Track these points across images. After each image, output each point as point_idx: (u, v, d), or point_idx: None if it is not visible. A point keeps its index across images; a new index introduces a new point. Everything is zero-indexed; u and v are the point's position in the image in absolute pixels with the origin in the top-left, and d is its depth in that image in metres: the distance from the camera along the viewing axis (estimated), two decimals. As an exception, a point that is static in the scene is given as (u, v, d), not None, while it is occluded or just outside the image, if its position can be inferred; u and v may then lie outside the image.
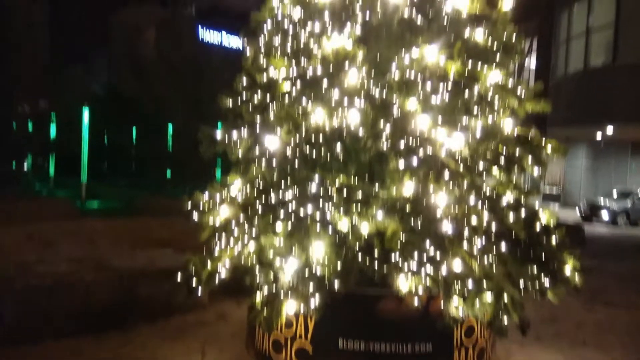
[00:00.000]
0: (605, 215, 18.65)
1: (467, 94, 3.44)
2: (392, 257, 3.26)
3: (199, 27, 32.70)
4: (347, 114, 3.32)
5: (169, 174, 18.94)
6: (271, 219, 3.54)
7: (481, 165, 3.51)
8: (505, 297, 3.30)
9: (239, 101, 4.04)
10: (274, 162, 3.57)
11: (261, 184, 3.75)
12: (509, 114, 3.71)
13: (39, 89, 29.84)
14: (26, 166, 22.04)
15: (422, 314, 3.46)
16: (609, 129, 18.32)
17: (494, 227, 3.40)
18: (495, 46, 3.69)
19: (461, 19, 3.69)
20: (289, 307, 3.31)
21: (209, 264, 3.77)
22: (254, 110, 3.91)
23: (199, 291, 3.81)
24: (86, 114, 13.92)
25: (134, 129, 22.38)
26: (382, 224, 3.24)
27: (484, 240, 3.36)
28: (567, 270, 3.65)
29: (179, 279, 3.87)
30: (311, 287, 3.28)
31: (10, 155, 23.23)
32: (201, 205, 3.96)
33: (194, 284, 3.79)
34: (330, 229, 3.33)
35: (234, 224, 3.75)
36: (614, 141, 21.08)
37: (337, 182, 3.40)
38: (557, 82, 20.17)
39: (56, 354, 4.09)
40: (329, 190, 3.38)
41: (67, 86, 30.02)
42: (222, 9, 29.34)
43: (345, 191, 3.36)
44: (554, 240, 3.68)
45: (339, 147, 3.38)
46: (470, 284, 3.22)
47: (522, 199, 3.67)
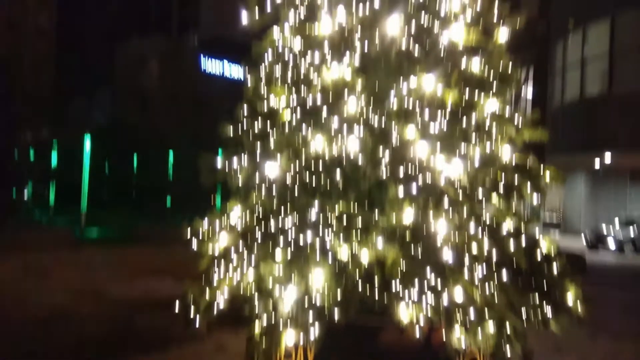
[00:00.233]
0: (611, 243, 18.51)
1: (464, 122, 3.48)
2: (393, 286, 3.23)
3: (202, 57, 33.28)
4: (346, 142, 3.35)
5: (169, 202, 18.92)
6: (271, 246, 3.52)
7: (480, 192, 3.51)
8: (507, 327, 3.25)
9: (240, 129, 4.08)
10: (274, 190, 3.58)
11: (261, 212, 3.74)
12: (507, 141, 3.74)
13: (42, 117, 30.17)
14: (26, 194, 22.04)
15: (423, 344, 3.40)
16: (607, 157, 18.41)
17: (494, 255, 3.38)
18: (491, 76, 3.75)
19: (457, 50, 3.77)
20: (288, 337, 3.25)
21: (208, 293, 3.73)
22: (255, 138, 3.95)
23: (197, 321, 3.75)
24: (87, 142, 14.03)
25: (135, 158, 22.49)
26: (382, 253, 3.22)
27: (484, 268, 3.33)
28: (570, 299, 3.61)
29: (177, 309, 3.81)
30: (311, 316, 3.23)
31: (10, 183, 23.26)
32: (200, 233, 3.94)
33: (192, 314, 3.73)
34: (330, 257, 3.31)
35: (233, 252, 3.72)
36: (612, 169, 21.15)
37: (336, 210, 3.40)
38: (554, 111, 20.40)
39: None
40: (329, 217, 3.37)
41: (69, 115, 30.35)
42: (224, 39, 29.92)
43: (345, 219, 3.35)
44: (556, 268, 3.64)
45: (338, 174, 3.39)
46: (472, 313, 3.18)
47: (523, 227, 3.66)
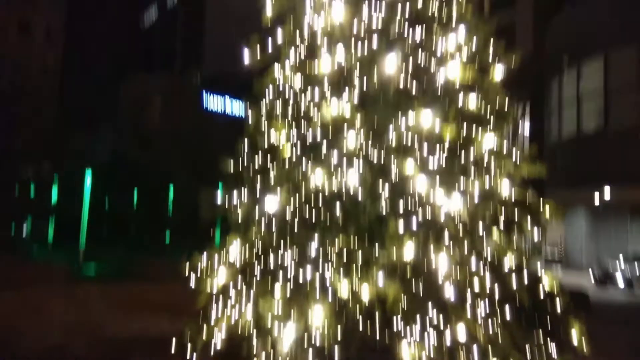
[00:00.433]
0: (620, 280, 18.12)
1: (463, 157, 3.51)
2: (394, 323, 3.17)
3: (204, 93, 33.86)
4: (346, 177, 3.37)
5: (169, 237, 18.82)
6: (270, 282, 3.47)
7: (480, 227, 3.50)
8: (512, 366, 3.17)
9: (240, 165, 4.11)
10: (274, 224, 3.57)
11: (260, 247, 3.72)
12: (505, 177, 3.76)
13: (43, 152, 30.38)
14: (25, 230, 21.94)
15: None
16: (606, 193, 18.43)
17: (497, 291, 3.34)
18: (488, 112, 3.81)
19: (454, 87, 3.84)
20: (287, 378, 3.17)
21: (205, 332, 3.66)
22: (255, 173, 3.97)
23: (194, 360, 3.66)
24: (89, 177, 14.09)
25: (135, 193, 22.53)
26: (383, 290, 3.18)
27: (487, 305, 3.28)
28: (575, 337, 3.53)
29: (174, 349, 3.73)
30: (310, 356, 3.16)
31: (9, 218, 23.19)
32: (199, 269, 3.91)
33: (189, 354, 3.65)
34: (330, 294, 3.26)
35: (231, 288, 3.67)
36: (612, 205, 21.14)
37: (336, 245, 3.38)
38: (552, 146, 20.57)
39: None
40: (329, 253, 3.35)
41: (72, 150, 30.58)
42: (226, 76, 30.55)
43: (345, 254, 3.33)
44: (559, 306, 3.59)
45: (338, 209, 3.39)
46: (475, 352, 3.11)
47: (524, 263, 3.62)
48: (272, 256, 3.56)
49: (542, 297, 3.57)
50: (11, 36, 36.72)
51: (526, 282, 3.49)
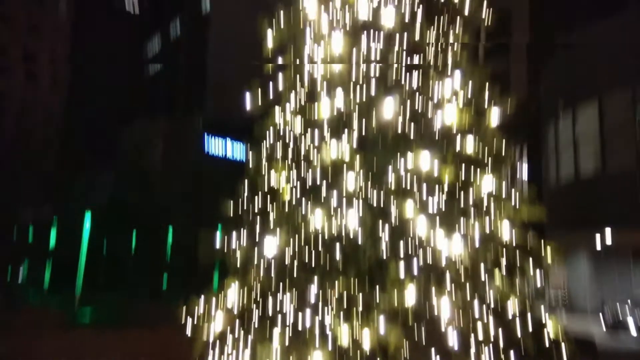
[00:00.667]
0: (632, 325, 17.43)
1: (462, 199, 3.51)
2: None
3: (205, 136, 34.25)
4: (345, 218, 3.35)
5: (166, 281, 18.54)
6: (268, 328, 3.39)
7: (482, 271, 3.45)
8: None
9: (240, 207, 4.10)
10: (272, 267, 3.52)
11: (258, 291, 3.65)
12: (505, 219, 3.74)
13: (43, 195, 30.36)
14: (21, 275, 21.62)
15: None
16: (607, 236, 18.26)
17: (501, 338, 3.25)
18: (486, 154, 3.84)
19: (451, 130, 3.89)
20: None
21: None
22: (254, 215, 3.96)
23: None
24: (88, 221, 14.03)
25: (134, 237, 22.35)
26: (385, 338, 3.10)
27: (492, 353, 3.18)
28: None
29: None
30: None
31: (6, 262, 22.90)
32: (196, 315, 3.82)
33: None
34: (330, 341, 3.18)
35: (229, 334, 3.58)
36: (614, 248, 20.92)
37: (336, 289, 3.32)
38: (551, 189, 20.60)
39: None
40: (328, 297, 3.28)
41: (72, 193, 30.58)
42: (227, 119, 31.03)
43: (344, 298, 3.26)
44: (565, 353, 3.48)
45: (338, 251, 3.35)
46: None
47: (528, 307, 3.55)
48: (270, 300, 3.49)
49: (547, 344, 3.47)
50: (17, 78, 37.85)
51: (530, 328, 3.41)
